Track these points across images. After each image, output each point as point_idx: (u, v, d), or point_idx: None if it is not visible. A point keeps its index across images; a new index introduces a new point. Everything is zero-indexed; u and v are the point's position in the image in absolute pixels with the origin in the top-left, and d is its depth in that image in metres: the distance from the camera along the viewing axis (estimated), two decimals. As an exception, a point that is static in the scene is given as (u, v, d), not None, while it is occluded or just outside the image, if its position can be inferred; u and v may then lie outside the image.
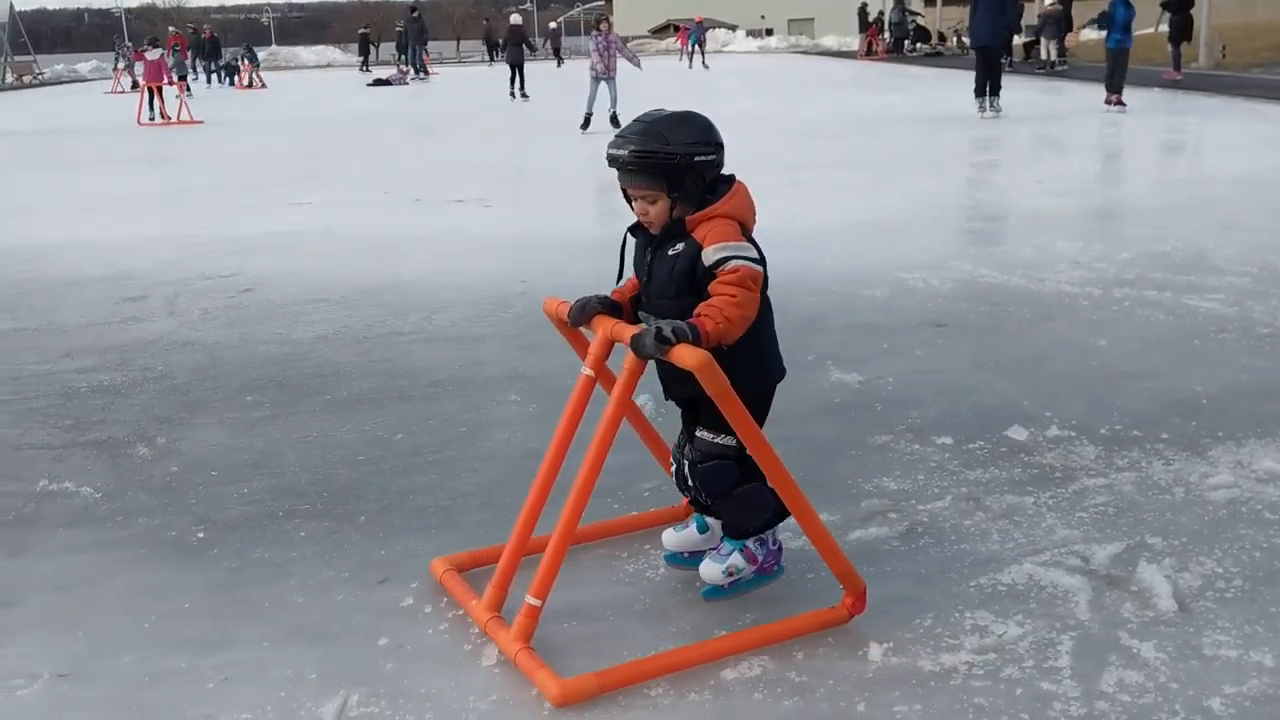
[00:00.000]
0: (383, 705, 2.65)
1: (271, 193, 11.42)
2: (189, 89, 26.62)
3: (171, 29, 31.84)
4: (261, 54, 53.19)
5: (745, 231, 2.81)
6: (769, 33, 64.97)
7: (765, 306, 2.86)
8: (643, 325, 2.74)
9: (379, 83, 31.78)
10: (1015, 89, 19.10)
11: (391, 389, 5.02)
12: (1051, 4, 27.63)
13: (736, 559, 2.98)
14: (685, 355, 2.55)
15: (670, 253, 2.80)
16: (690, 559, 3.16)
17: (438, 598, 3.11)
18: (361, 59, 35.54)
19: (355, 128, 19.38)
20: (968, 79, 18.40)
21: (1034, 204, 9.29)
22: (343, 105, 25.25)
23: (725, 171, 2.88)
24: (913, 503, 3.63)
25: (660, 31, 69.09)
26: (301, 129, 19.36)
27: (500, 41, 33.84)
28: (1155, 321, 5.67)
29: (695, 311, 2.67)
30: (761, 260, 2.79)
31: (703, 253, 2.73)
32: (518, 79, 24.89)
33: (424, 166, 13.30)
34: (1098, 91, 18.40)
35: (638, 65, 17.70)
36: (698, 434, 2.91)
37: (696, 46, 39.79)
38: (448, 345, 5.71)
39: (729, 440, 2.85)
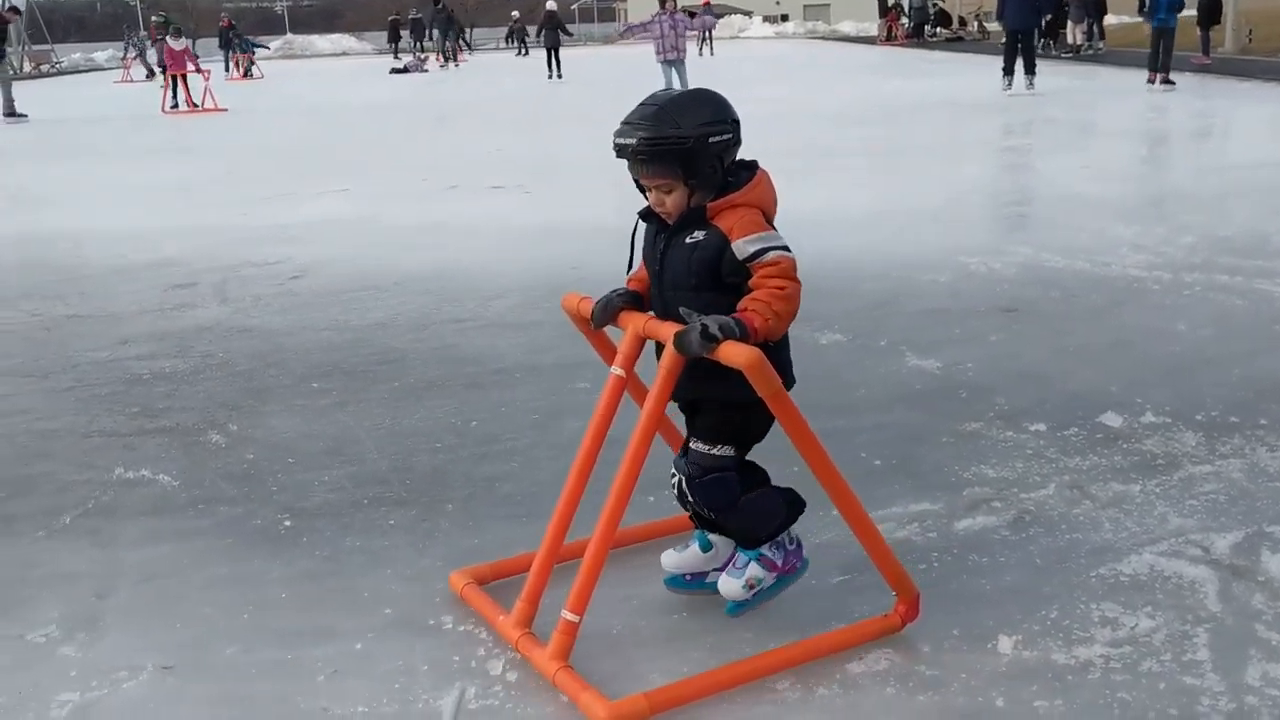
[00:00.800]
0: (501, 698, 2.57)
1: (306, 180, 11.34)
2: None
3: (154, 19, 31.34)
4: (276, 43, 53.19)
5: (768, 220, 2.61)
6: (784, 19, 64.66)
7: None
8: (673, 322, 2.53)
9: (397, 71, 31.74)
10: (1047, 74, 18.91)
11: (459, 375, 4.94)
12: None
13: (755, 570, 2.75)
14: (734, 353, 2.35)
15: (688, 240, 2.58)
16: (692, 582, 2.92)
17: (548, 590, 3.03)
18: (392, 46, 35.38)
19: (382, 115, 19.28)
20: (993, 64, 18.61)
21: (1083, 189, 9.15)
22: (366, 93, 25.13)
23: (756, 159, 2.69)
24: (1016, 491, 3.54)
25: (675, 18, 68.81)
26: (327, 117, 19.27)
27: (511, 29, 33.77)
28: (1231, 306, 5.55)
29: (740, 306, 2.47)
30: None
31: (734, 245, 2.52)
32: (554, 61, 25.67)
33: (456, 154, 13.20)
34: (1130, 75, 18.25)
35: (709, 26, 16.53)
36: (692, 445, 2.70)
37: (706, 33, 38.67)
38: (508, 332, 5.62)
39: (725, 450, 2.67)
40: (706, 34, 38.00)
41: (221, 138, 16.39)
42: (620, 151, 2.56)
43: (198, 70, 20.56)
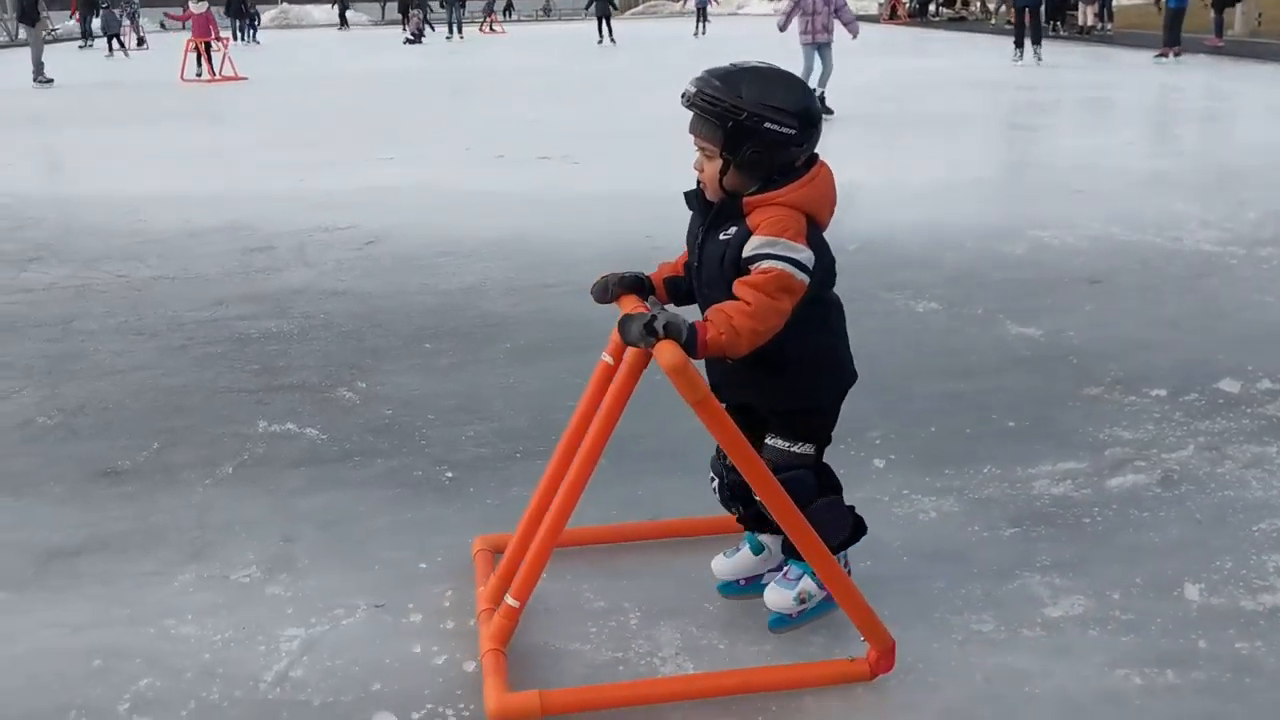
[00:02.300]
0: (716, 635, 2.67)
1: (349, 148, 11.35)
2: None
3: None
4: (271, 12, 52.53)
5: (813, 224, 2.40)
6: (781, -3, 64.56)
7: (833, 310, 2.53)
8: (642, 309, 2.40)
9: (410, 41, 31.77)
10: (1060, 53, 19.04)
11: (566, 339, 5.02)
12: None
13: (808, 584, 2.60)
14: (663, 353, 2.21)
15: (722, 236, 2.42)
16: (747, 586, 2.80)
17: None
18: (401, 17, 35.12)
19: (407, 85, 19.20)
20: (1000, 44, 20.59)
21: (1134, 166, 9.26)
22: (382, 63, 24.98)
23: (817, 153, 2.49)
24: (1156, 451, 3.64)
25: (672, -6, 68.54)
26: (351, 86, 19.17)
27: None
28: (1312, 280, 5.68)
29: (706, 314, 2.34)
30: (819, 266, 2.38)
31: (748, 241, 2.36)
32: (605, 27, 29.70)
33: (492, 124, 13.19)
34: (1143, 56, 18.55)
35: (854, 32, 13.75)
36: (768, 442, 2.55)
37: (700, 10, 35.24)
38: (602, 297, 5.69)
39: (806, 449, 2.54)
40: (700, 12, 36.16)
41: (251, 106, 16.32)
42: (682, 97, 2.43)
43: (217, 38, 20.44)
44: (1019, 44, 19.62)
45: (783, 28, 13.12)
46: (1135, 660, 2.54)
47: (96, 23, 31.60)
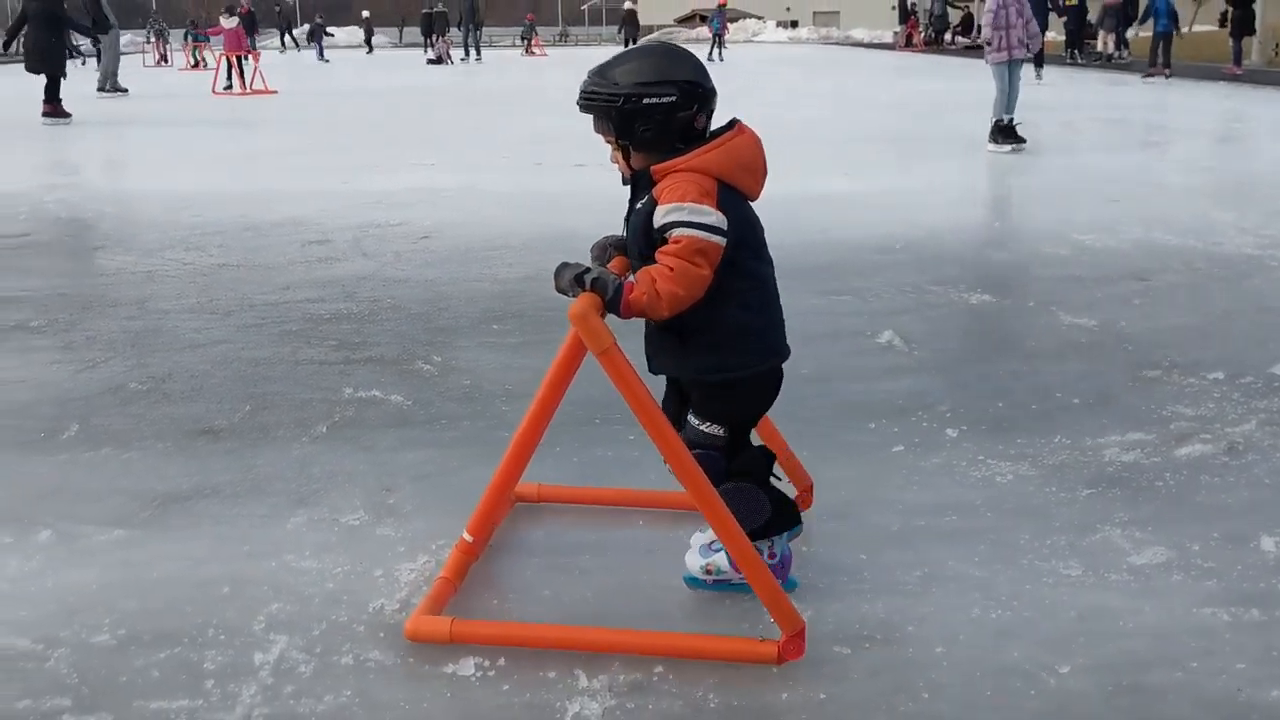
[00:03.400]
0: (814, 573, 2.80)
1: (389, 154, 11.55)
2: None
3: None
4: (294, 31, 53.06)
5: (725, 188, 2.45)
6: (794, 24, 65.15)
7: (750, 283, 2.54)
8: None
9: (433, 62, 32.20)
10: (1081, 78, 19.21)
11: (632, 322, 5.14)
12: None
13: (720, 559, 2.65)
14: (574, 303, 2.34)
15: (638, 206, 2.53)
16: (715, 585, 2.74)
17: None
18: (425, 40, 35.72)
19: (435, 100, 19.49)
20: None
21: (1166, 179, 9.42)
22: (409, 80, 25.33)
23: (736, 118, 2.57)
24: (1218, 426, 3.76)
25: (687, 20, 69.21)
26: (381, 100, 19.47)
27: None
28: (1355, 281, 5.80)
29: (638, 273, 2.45)
30: (737, 231, 2.45)
31: (654, 213, 2.44)
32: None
33: (526, 136, 13.37)
34: (1160, 81, 18.82)
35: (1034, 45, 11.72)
36: (688, 418, 2.65)
37: (716, 36, 35.89)
38: (659, 287, 5.83)
39: (714, 429, 2.60)
40: (716, 37, 36.12)
41: (286, 116, 16.58)
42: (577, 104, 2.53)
43: (248, 52, 20.74)
44: None
45: (990, 42, 11.47)
46: (1221, 601, 2.66)
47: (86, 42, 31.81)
